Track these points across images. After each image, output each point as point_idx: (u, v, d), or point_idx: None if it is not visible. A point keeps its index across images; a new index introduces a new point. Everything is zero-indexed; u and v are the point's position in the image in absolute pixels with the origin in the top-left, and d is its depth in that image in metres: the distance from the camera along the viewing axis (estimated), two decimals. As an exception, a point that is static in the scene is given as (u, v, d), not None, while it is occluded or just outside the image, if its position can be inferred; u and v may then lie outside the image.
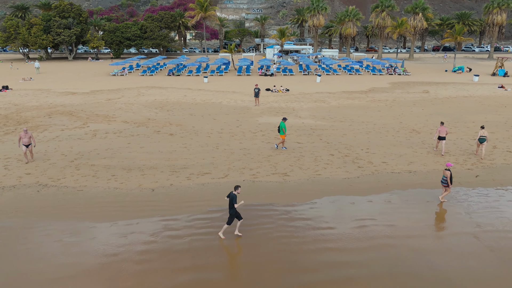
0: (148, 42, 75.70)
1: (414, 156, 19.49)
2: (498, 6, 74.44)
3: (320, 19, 74.50)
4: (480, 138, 19.11)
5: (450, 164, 14.51)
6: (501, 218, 13.53)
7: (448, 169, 14.43)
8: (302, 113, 28.51)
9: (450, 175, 14.27)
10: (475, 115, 28.00)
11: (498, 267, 10.79)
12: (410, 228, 12.81)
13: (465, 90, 38.45)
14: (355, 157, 19.29)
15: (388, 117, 27.73)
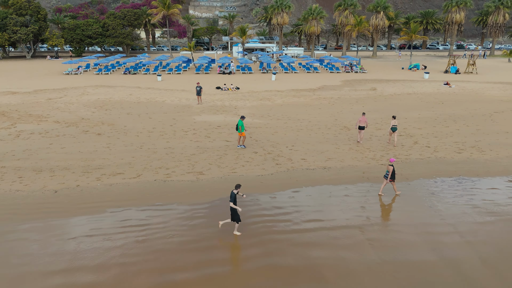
0: (110, 40, 74.27)
1: (335, 153, 19.90)
2: (457, 5, 76.55)
3: (284, 17, 74.82)
4: (392, 127, 20.71)
5: (393, 160, 15.19)
6: (391, 212, 14.03)
7: (391, 164, 15.02)
8: (243, 111, 28.62)
9: (392, 170, 14.90)
10: (410, 112, 28.81)
11: (375, 258, 11.16)
12: (297, 223, 13.09)
13: (411, 87, 39.49)
14: (277, 155, 19.55)
15: (326, 114, 28.19)
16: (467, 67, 52.06)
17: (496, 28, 79.67)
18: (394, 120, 20.73)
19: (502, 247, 11.75)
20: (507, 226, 12.97)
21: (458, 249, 11.64)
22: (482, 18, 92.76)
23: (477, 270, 10.65)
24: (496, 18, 78.67)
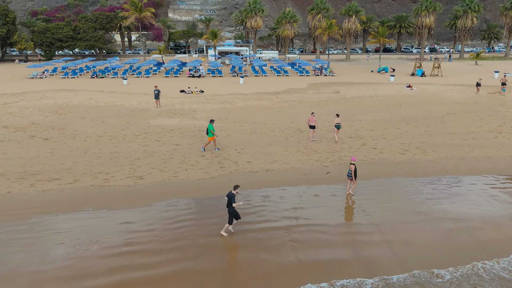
0: (81, 43, 73.17)
1: (282, 155, 20.06)
2: (426, 9, 78.44)
3: (258, 20, 75.26)
4: (335, 125, 21.95)
5: (354, 159, 15.46)
6: (320, 213, 14.18)
7: (353, 163, 15.25)
8: (201, 115, 28.62)
9: (354, 169, 15.14)
10: (367, 114, 29.29)
11: (292, 259, 11.26)
12: (213, 227, 13.09)
13: (374, 90, 40.18)
14: (224, 158, 19.59)
15: (284, 117, 28.41)
16: (433, 70, 53.33)
17: (465, 31, 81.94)
18: (338, 118, 22.02)
19: (420, 246, 12.03)
20: (431, 225, 13.31)
21: (374, 248, 11.88)
22: (453, 22, 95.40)
23: (388, 268, 10.88)
24: (465, 22, 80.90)
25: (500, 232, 12.79)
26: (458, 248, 11.88)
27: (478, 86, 37.14)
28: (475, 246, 11.97)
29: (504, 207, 14.51)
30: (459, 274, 10.61)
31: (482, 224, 13.25)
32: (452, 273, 10.67)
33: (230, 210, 12.30)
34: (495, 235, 12.58)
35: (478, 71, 56.85)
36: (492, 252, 11.63)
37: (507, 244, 12.09)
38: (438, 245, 11.99)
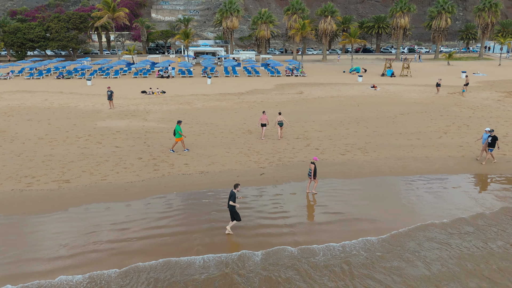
0: (53, 43, 71.99)
1: (222, 157, 19.87)
2: (401, 10, 79.18)
3: (234, 21, 75.03)
4: (278, 123, 22.69)
5: (316, 159, 15.57)
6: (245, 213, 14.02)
7: (313, 162, 15.35)
8: (153, 116, 28.29)
9: (314, 168, 15.26)
10: (322, 115, 29.28)
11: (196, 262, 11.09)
12: (136, 231, 12.85)
13: (338, 91, 40.28)
14: (162, 160, 19.32)
15: (238, 118, 28.24)
16: (402, 70, 53.79)
17: (439, 32, 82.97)
18: (280, 116, 22.72)
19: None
20: (340, 226, 13.27)
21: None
22: (431, 22, 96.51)
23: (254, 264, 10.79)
24: (439, 22, 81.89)
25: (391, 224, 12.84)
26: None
27: (438, 87, 37.53)
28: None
29: (412, 208, 14.59)
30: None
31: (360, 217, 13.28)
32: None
33: (231, 209, 12.54)
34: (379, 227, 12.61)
35: (449, 72, 57.54)
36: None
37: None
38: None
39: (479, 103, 32.85)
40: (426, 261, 11.20)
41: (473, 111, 29.64)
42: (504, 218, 13.76)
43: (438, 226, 13.20)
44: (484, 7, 79.63)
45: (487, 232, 12.84)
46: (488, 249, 11.80)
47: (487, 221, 13.57)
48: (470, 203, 14.97)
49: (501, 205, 14.80)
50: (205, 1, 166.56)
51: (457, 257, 11.42)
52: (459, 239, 12.40)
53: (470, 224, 13.35)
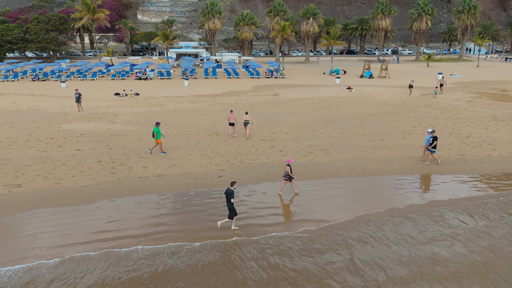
0: (32, 45, 71.02)
1: (183, 159, 19.74)
2: (382, 12, 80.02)
3: (216, 22, 74.86)
4: (244, 122, 23.19)
5: (291, 160, 15.74)
6: (179, 219, 13.91)
7: (288, 164, 15.52)
8: (121, 118, 28.02)
9: (289, 170, 15.45)
10: (292, 116, 29.32)
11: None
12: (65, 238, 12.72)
13: (314, 92, 40.43)
14: (121, 163, 19.10)
15: (208, 120, 28.13)
16: (380, 71, 54.30)
17: (420, 34, 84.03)
18: (246, 115, 23.33)
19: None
20: (286, 227, 13.28)
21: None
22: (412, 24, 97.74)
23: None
24: (420, 24, 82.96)
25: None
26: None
27: (411, 88, 37.92)
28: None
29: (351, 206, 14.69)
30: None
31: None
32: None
33: (230, 207, 12.84)
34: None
35: (427, 73, 58.17)
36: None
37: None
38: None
39: (449, 104, 33.28)
40: (348, 243, 11.29)
41: (441, 112, 30.00)
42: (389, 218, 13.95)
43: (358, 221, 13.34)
44: (464, 9, 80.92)
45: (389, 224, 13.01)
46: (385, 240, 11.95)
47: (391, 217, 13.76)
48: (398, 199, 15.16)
49: (409, 203, 15.06)
50: (192, 2, 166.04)
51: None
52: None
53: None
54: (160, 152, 20.58)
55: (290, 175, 15.58)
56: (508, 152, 20.69)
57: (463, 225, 13.40)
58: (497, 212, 14.33)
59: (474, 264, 11.20)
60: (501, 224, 13.47)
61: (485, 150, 21.02)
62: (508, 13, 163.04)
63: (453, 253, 11.72)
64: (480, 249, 11.92)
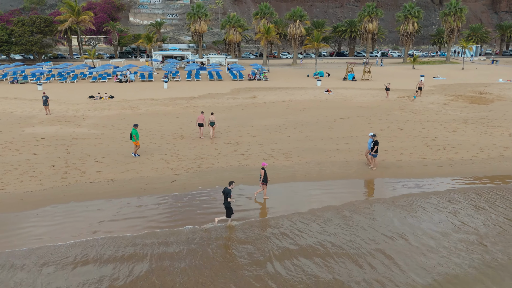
0: (16, 47, 70.41)
1: (141, 163, 19.39)
2: (369, 15, 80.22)
3: (202, 25, 74.68)
4: (210, 122, 23.59)
5: (265, 164, 15.58)
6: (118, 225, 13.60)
7: (263, 168, 15.36)
8: (88, 122, 27.63)
9: (264, 174, 15.27)
10: (264, 119, 29.04)
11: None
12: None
13: (292, 95, 40.21)
14: (75, 168, 18.73)
15: (177, 123, 27.80)
16: (363, 74, 54.25)
17: (406, 36, 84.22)
18: (212, 116, 23.98)
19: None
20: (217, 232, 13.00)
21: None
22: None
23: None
24: (406, 27, 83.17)
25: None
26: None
27: (387, 91, 37.80)
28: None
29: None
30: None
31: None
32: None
33: (226, 205, 13.16)
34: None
35: (411, 75, 58.14)
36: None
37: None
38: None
39: (423, 107, 33.17)
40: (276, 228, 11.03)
41: (413, 115, 29.86)
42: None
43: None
44: (450, 11, 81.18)
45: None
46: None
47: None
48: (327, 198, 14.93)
49: (349, 199, 14.82)
50: (184, 5, 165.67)
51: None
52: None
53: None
54: (134, 154, 20.47)
55: (260, 178, 15.40)
56: (469, 155, 20.55)
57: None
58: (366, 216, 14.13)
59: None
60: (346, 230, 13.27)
61: (448, 154, 20.86)
62: (499, 15, 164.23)
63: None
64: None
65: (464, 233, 13.06)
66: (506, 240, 12.61)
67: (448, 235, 12.96)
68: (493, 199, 15.68)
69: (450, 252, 11.97)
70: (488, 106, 33.18)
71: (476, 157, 20.32)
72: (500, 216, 14.23)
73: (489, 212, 14.54)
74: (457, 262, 11.44)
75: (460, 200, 15.61)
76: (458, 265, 11.32)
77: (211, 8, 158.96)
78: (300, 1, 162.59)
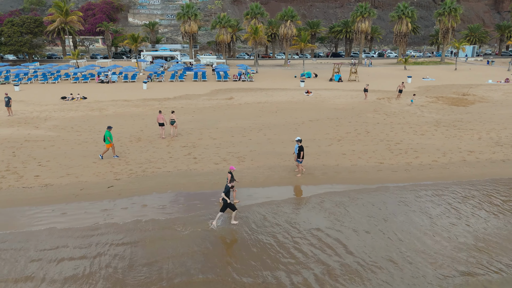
0: (5, 48, 70.30)
1: (84, 168, 18.64)
2: (361, 15, 79.12)
3: (192, 25, 74.07)
4: (170, 121, 23.81)
5: (233, 168, 14.82)
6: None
7: (230, 172, 14.59)
8: (49, 123, 27.01)
9: (230, 177, 14.48)
10: (232, 121, 28.19)
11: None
12: None
13: (270, 96, 39.34)
14: (14, 171, 18.05)
15: (139, 125, 27.04)
16: (350, 75, 53.30)
17: (400, 37, 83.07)
18: (172, 114, 24.07)
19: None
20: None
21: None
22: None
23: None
24: (400, 27, 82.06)
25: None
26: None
27: (366, 92, 36.85)
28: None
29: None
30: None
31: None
32: None
33: (224, 202, 13.21)
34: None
35: (401, 76, 56.96)
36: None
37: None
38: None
39: (400, 108, 32.19)
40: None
41: (386, 117, 28.89)
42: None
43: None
44: (444, 11, 79.94)
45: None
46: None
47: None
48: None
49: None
50: (183, 5, 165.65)
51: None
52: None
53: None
54: (113, 155, 20.14)
55: (228, 183, 14.50)
56: (430, 160, 19.61)
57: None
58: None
59: None
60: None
61: (408, 158, 19.93)
62: (502, 15, 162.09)
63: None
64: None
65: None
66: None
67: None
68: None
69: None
70: (466, 108, 32.14)
71: (436, 161, 19.38)
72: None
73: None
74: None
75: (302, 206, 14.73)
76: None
77: (210, 8, 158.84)
78: (300, 1, 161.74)
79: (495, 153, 20.61)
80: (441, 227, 13.31)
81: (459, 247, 12.08)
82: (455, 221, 13.69)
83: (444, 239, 12.51)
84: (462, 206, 14.88)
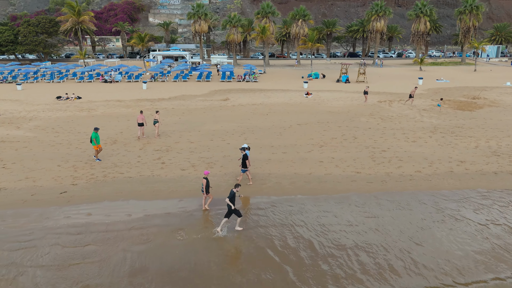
0: (21, 48, 71.92)
1: (46, 171, 18.10)
2: (377, 14, 76.43)
3: (202, 25, 73.51)
4: (153, 121, 23.74)
5: (207, 172, 14.31)
6: None
7: (205, 177, 14.11)
8: (32, 124, 26.82)
9: (206, 183, 14.02)
10: (218, 124, 27.13)
11: None
12: None
13: (268, 98, 38.05)
14: (-22, 174, 17.72)
15: (123, 126, 26.49)
16: (358, 76, 51.30)
17: (418, 36, 79.80)
18: (156, 114, 23.86)
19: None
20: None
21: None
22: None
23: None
24: (418, 26, 78.83)
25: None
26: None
27: (366, 94, 34.96)
28: None
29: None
30: None
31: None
32: None
33: (229, 208, 12.77)
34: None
35: (413, 78, 54.39)
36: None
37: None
38: None
39: (399, 113, 30.23)
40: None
41: (380, 122, 27.11)
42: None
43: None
44: (465, 9, 76.10)
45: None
46: None
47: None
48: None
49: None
50: (193, 5, 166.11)
51: None
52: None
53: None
54: (96, 157, 19.59)
55: (204, 189, 14.05)
56: (413, 170, 17.95)
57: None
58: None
59: None
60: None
61: (389, 168, 18.34)
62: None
63: None
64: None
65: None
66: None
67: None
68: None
69: None
70: (472, 113, 29.85)
71: (420, 172, 17.71)
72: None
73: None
74: None
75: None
76: None
77: (229, 8, 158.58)
78: (321, 0, 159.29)
79: (488, 164, 18.70)
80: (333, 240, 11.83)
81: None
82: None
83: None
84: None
